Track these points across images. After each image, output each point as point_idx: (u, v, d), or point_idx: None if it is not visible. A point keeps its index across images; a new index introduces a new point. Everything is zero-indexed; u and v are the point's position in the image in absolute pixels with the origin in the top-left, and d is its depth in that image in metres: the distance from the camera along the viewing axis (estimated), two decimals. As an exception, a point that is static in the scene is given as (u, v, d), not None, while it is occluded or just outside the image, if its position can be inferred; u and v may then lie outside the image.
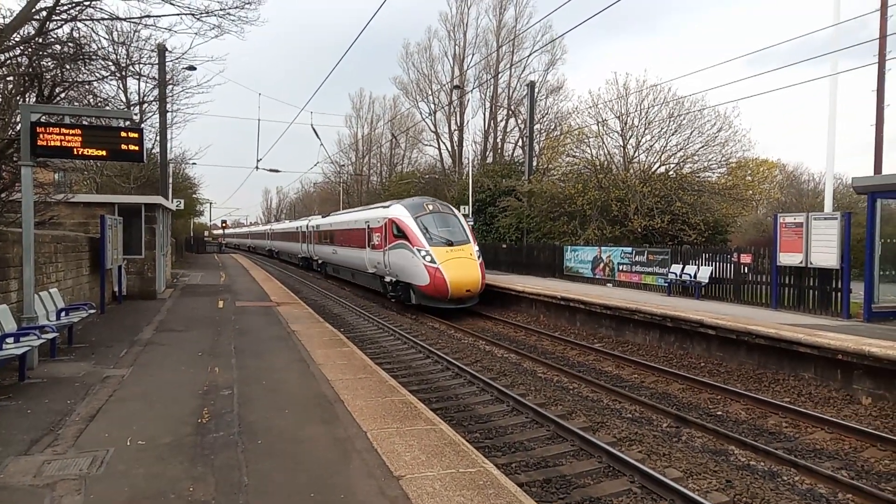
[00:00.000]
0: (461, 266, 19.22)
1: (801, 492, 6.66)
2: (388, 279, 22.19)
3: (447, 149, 53.39)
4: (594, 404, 10.12)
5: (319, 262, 36.63)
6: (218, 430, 6.30)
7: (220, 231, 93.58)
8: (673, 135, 28.16)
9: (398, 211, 21.58)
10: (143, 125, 24.15)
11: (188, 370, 9.10)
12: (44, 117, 9.91)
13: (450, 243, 19.86)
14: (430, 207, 21.33)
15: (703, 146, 27.83)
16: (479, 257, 20.10)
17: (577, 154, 31.59)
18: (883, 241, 13.58)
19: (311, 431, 6.27)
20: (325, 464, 5.39)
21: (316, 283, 32.85)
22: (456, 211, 22.36)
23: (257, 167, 36.14)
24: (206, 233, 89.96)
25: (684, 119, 27.60)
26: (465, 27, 50.68)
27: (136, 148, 9.87)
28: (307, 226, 39.84)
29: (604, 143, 29.95)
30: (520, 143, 45.85)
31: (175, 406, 7.17)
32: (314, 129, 33.63)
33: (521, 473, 7.11)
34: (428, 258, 19.16)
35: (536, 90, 39.67)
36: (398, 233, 20.76)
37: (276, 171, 38.77)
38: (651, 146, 29.11)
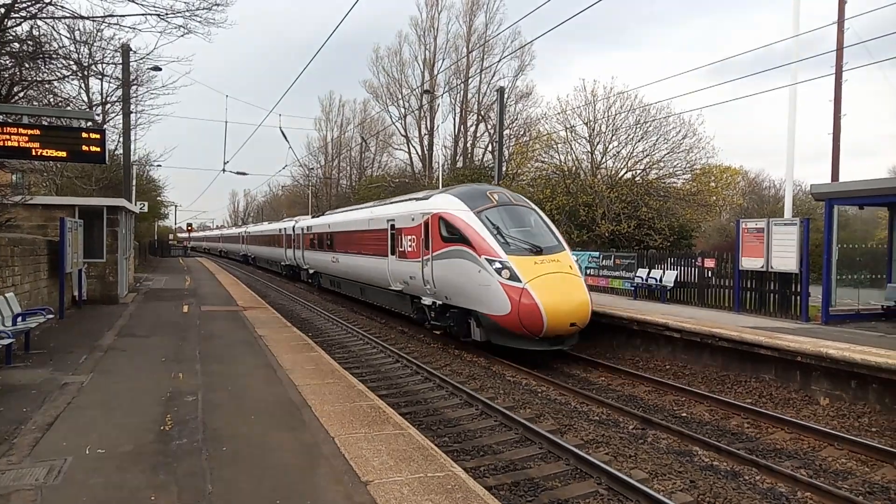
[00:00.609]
0: (561, 286, 12.74)
1: (762, 491, 6.81)
2: (427, 301, 15.71)
3: (417, 153, 53.45)
4: (562, 407, 10.20)
5: (311, 271, 30.26)
6: (181, 437, 6.17)
7: (186, 234, 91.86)
8: (639, 141, 28.71)
9: (448, 203, 15.02)
10: (105, 126, 23.57)
11: (151, 376, 8.90)
12: (1, 117, 9.62)
13: (537, 250, 13.26)
14: (497, 197, 14.63)
15: (668, 153, 28.41)
16: (581, 272, 14.06)
17: (546, 159, 31.95)
18: (840, 247, 14.01)
19: (277, 437, 6.20)
20: (292, 470, 5.33)
21: (284, 287, 32.46)
22: (531, 203, 15.86)
23: (224, 170, 35.57)
24: (171, 236, 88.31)
25: (650, 126, 28.14)
26: (435, 32, 50.85)
27: (98, 149, 9.66)
28: (294, 228, 33.42)
29: (572, 148, 30.35)
30: (489, 147, 46.11)
31: (137, 413, 7.01)
32: (282, 132, 33.20)
33: (489, 477, 7.12)
34: (506, 273, 12.59)
35: (506, 96, 39.95)
36: (451, 235, 14.23)
37: (244, 174, 38.26)
38: (618, 152, 29.60)
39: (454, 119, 50.23)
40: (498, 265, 12.83)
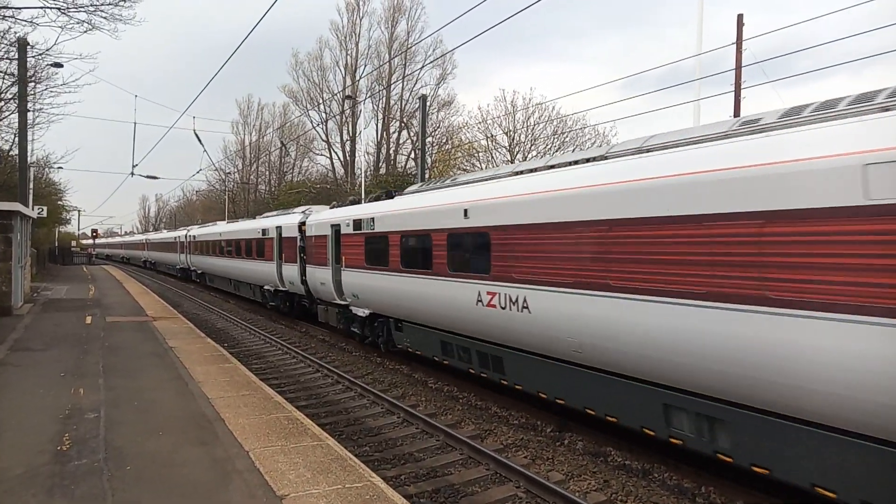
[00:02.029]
0: None
1: (670, 487, 7.13)
2: None
3: (339, 159, 52.89)
4: (482, 412, 10.30)
5: (362, 312, 14.61)
6: (81, 457, 5.79)
7: (91, 241, 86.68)
8: (556, 151, 29.56)
9: None
10: (-2, 124, 21.94)
11: (48, 393, 8.31)
12: None
13: None
14: None
15: (584, 163, 29.47)
16: None
17: (468, 167, 32.34)
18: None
19: (187, 454, 5.92)
20: (203, 487, 5.10)
21: (198, 295, 31.16)
22: None
23: (133, 173, 33.73)
24: (74, 243, 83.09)
25: (567, 136, 29.07)
26: (356, 38, 50.55)
27: (-12, 148, 8.93)
28: (304, 227, 18.41)
29: (493, 157, 30.90)
30: (412, 154, 46.23)
31: (30, 433, 6.52)
32: (196, 135, 31.85)
33: (410, 485, 7.08)
34: None
35: (428, 104, 40.20)
36: None
37: (154, 177, 36.47)
38: (537, 161, 30.43)
39: (377, 125, 50.06)
40: None
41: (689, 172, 6.42)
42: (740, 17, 19.49)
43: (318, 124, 52.96)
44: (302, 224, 18.57)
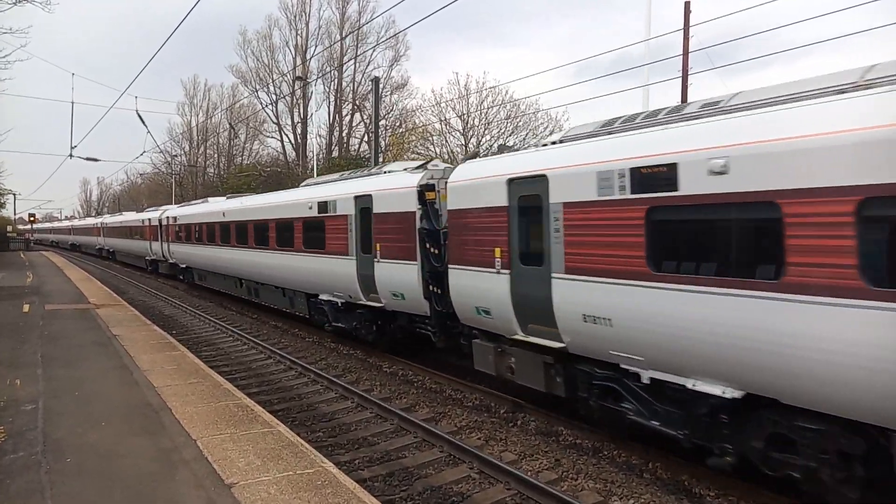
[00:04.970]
0: None
1: (619, 464, 7.31)
2: None
3: (290, 141, 51.84)
4: (437, 395, 10.34)
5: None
6: (17, 450, 5.55)
7: (28, 226, 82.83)
8: (510, 135, 29.72)
9: None
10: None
11: (-19, 385, 7.92)
12: None
13: None
14: None
15: (537, 147, 29.67)
16: None
17: (422, 151, 32.20)
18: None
19: (131, 444, 5.75)
20: (147, 478, 4.96)
21: (144, 282, 30.19)
22: None
23: (71, 155, 32.25)
24: (10, 228, 79.31)
25: (520, 121, 29.23)
26: (307, 17, 49.47)
27: None
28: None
29: (447, 141, 30.85)
30: (366, 138, 45.69)
31: (-39, 427, 6.20)
32: (139, 115, 30.57)
33: (363, 469, 7.06)
34: None
35: (381, 86, 39.72)
36: None
37: (95, 159, 34.95)
38: (491, 146, 30.43)
39: (329, 108, 49.21)
40: None
41: None
42: (687, 3, 19.84)
43: (267, 105, 51.75)
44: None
